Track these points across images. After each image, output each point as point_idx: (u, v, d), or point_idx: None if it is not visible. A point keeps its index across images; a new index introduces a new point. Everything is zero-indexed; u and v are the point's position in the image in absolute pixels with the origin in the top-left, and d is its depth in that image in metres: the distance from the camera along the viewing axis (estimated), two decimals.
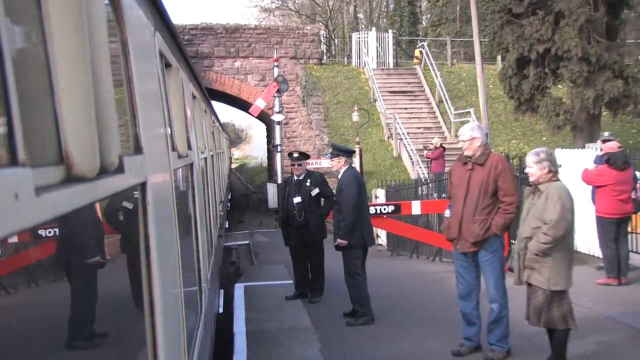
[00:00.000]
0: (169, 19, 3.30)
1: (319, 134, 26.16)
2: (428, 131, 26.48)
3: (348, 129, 26.33)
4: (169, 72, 3.37)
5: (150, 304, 1.98)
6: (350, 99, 28.10)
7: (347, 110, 26.90)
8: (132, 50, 1.95)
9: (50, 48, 1.19)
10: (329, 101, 27.89)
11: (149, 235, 1.99)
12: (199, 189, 4.85)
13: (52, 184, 1.13)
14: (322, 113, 27.14)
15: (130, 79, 1.92)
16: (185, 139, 3.82)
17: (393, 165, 25.02)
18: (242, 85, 29.81)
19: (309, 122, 27.19)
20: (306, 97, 28.03)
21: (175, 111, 3.43)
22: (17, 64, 1.00)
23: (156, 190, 2.15)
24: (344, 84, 29.39)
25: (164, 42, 3.02)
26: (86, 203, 1.31)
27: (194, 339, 3.45)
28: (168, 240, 2.40)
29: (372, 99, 28.38)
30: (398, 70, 31.25)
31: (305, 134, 27.72)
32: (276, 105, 23.40)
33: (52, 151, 1.20)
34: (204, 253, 5.01)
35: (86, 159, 1.27)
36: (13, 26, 1.05)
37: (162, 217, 2.24)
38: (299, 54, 30.24)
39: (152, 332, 1.99)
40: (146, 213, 1.98)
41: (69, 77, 1.23)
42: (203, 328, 4.09)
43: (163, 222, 2.26)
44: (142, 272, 1.97)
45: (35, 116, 1.15)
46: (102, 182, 1.40)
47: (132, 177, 1.77)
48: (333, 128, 26.55)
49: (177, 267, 2.64)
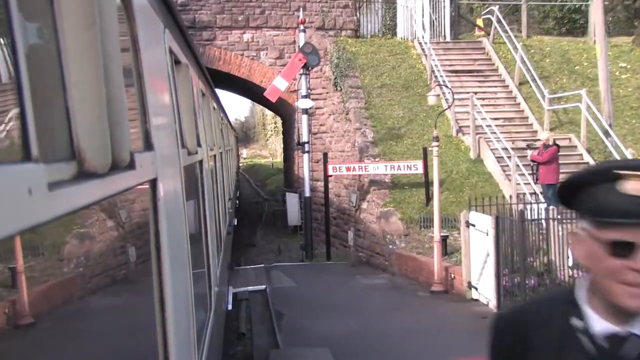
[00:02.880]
0: (178, 16, 3.31)
1: (360, 128, 18.68)
2: (510, 123, 18.89)
3: (399, 120, 19.17)
4: (179, 69, 3.38)
5: (161, 301, 2.00)
6: (399, 80, 20.64)
7: (396, 95, 20.02)
8: (142, 47, 1.96)
9: (62, 45, 1.20)
10: (370, 84, 20.35)
11: (160, 232, 2.00)
12: (208, 186, 4.87)
13: (64, 179, 1.14)
14: (362, 100, 19.66)
15: (141, 75, 1.93)
16: (195, 136, 3.83)
17: (471, 171, 16.93)
18: (253, 65, 22.42)
19: (344, 112, 19.68)
20: (339, 79, 20.37)
21: (185, 108, 3.44)
22: (30, 61, 1.01)
23: (166, 187, 2.16)
24: (388, 62, 21.56)
25: (173, 39, 3.03)
26: (98, 199, 1.32)
27: (203, 335, 3.47)
28: (178, 236, 2.42)
29: (430, 81, 20.39)
30: (459, 44, 23.28)
31: (339, 128, 20.36)
32: (302, 86, 17.61)
33: (65, 147, 1.21)
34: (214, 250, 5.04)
35: (98, 155, 1.28)
36: (26, 24, 1.06)
37: (172, 214, 2.25)
38: (328, 23, 22.59)
39: (162, 328, 2.00)
40: (156, 209, 2.00)
41: (80, 74, 1.24)
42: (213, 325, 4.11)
43: (173, 218, 2.28)
44: (153, 269, 1.98)
45: (47, 113, 1.16)
46: (114, 178, 1.41)
47: (143, 173, 1.78)
48: (378, 119, 19.12)
49: (187, 263, 2.65)
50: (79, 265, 1.41)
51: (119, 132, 1.48)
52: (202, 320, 3.60)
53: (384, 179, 17.02)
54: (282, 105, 23.77)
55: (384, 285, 13.93)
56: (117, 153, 1.45)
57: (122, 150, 1.50)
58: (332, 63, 21.06)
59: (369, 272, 15.38)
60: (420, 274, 13.66)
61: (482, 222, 11.11)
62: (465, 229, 11.91)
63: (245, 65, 22.51)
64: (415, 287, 13.22)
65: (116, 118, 1.47)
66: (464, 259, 11.96)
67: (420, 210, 15.89)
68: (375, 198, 16.72)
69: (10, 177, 0.90)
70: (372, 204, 16.80)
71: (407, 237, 15.31)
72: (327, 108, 21.45)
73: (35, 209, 0.97)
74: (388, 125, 19.03)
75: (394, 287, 13.60)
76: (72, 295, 1.37)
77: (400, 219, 15.80)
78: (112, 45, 1.49)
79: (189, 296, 2.64)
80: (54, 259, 1.26)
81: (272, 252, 21.50)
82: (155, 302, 1.97)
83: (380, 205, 16.31)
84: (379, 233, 15.94)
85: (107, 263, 1.65)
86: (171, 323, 2.03)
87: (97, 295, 1.56)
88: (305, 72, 17.64)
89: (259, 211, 31.27)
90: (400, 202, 16.40)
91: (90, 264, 1.49)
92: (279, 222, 25.53)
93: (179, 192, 2.58)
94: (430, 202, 15.27)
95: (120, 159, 1.49)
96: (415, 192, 16.74)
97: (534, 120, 19.02)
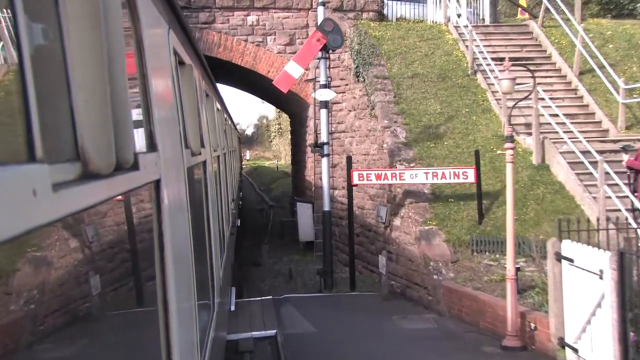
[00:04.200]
0: (183, 17, 3.32)
1: (390, 126, 15.17)
2: (573, 120, 14.65)
3: (436, 116, 15.59)
4: (183, 70, 3.39)
5: (164, 301, 2.00)
6: (434, 70, 17.14)
7: (431, 86, 16.51)
8: (147, 49, 1.97)
9: (66, 46, 1.21)
10: (398, 74, 16.89)
11: (163, 232, 2.00)
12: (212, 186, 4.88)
13: (68, 180, 1.15)
14: (390, 92, 16.19)
15: (145, 76, 1.94)
16: (199, 137, 3.84)
17: (535, 180, 13.46)
18: (258, 53, 19.03)
19: (369, 107, 16.17)
20: (362, 68, 16.85)
21: (189, 109, 3.45)
22: (35, 62, 1.02)
23: (170, 188, 2.16)
24: (419, 48, 18.10)
25: (177, 41, 3.04)
26: (102, 199, 1.32)
27: (206, 335, 3.47)
28: (182, 237, 2.42)
29: (471, 70, 16.98)
30: (500, 29, 19.74)
31: (361, 126, 16.85)
32: (320, 73, 14.09)
33: (69, 148, 1.21)
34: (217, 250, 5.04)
35: (102, 155, 1.29)
36: (31, 25, 1.06)
37: (175, 214, 2.26)
38: (347, 4, 19.23)
39: (165, 328, 2.00)
40: (160, 210, 2.00)
41: (85, 75, 1.25)
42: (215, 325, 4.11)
43: (177, 219, 2.28)
44: (156, 269, 1.99)
45: (52, 114, 1.17)
46: (118, 179, 1.41)
47: (147, 174, 1.79)
48: (411, 116, 15.63)
49: (191, 264, 2.66)
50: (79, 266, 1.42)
51: (123, 133, 1.49)
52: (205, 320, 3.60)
53: (422, 189, 13.61)
54: (291, 100, 20.46)
55: (432, 332, 10.47)
56: (121, 154, 1.45)
57: (126, 151, 1.51)
58: (353, 50, 17.43)
59: (408, 309, 12.07)
60: (482, 317, 10.22)
61: (587, 258, 7.88)
62: (556, 264, 8.58)
63: (249, 53, 19.02)
64: (478, 338, 9.75)
65: (120, 119, 1.47)
66: (553, 304, 8.64)
67: (471, 229, 12.47)
68: (411, 213, 13.19)
69: (15, 177, 0.90)
70: (407, 221, 13.30)
71: (456, 264, 11.85)
72: (346, 103, 17.87)
73: (39, 210, 0.97)
74: (423, 123, 15.36)
75: (448, 335, 10.18)
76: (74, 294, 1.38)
77: (446, 240, 12.31)
78: (117, 47, 1.50)
79: (192, 296, 2.64)
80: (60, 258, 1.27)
81: (282, 275, 17.80)
82: (158, 302, 1.98)
83: (420, 222, 12.80)
84: (418, 258, 12.50)
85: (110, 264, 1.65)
86: (174, 323, 2.03)
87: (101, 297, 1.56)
88: (325, 56, 14.12)
89: (263, 219, 27.61)
90: (445, 219, 12.81)
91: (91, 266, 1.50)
92: (288, 235, 22.02)
93: (183, 192, 2.58)
94: (484, 220, 12.70)
95: (125, 160, 1.50)
96: (464, 206, 13.14)
97: (602, 117, 15.28)
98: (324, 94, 14.21)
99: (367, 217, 15.71)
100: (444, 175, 12.97)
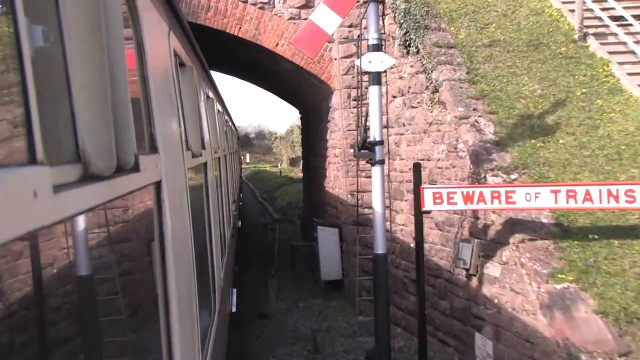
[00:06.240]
0: (183, 19, 3.32)
1: (467, 116, 10.15)
2: None
3: (536, 101, 10.61)
4: (184, 72, 3.39)
5: (165, 303, 2.00)
6: (521, 35, 12.30)
7: (520, 58, 11.70)
8: (148, 50, 1.97)
9: (67, 48, 1.21)
10: (469, 41, 12.10)
11: (164, 234, 2.00)
12: (213, 188, 4.88)
13: (69, 182, 1.15)
14: (461, 67, 11.26)
15: (146, 78, 1.94)
16: (199, 139, 3.84)
17: None
18: (263, 18, 14.26)
19: (429, 89, 11.32)
20: (413, 34, 12.02)
21: (190, 110, 3.45)
22: (36, 64, 1.02)
23: (171, 189, 2.16)
24: (494, 6, 13.34)
25: (178, 42, 3.04)
26: (103, 201, 1.32)
27: (208, 336, 3.47)
28: (183, 239, 2.42)
29: (579, 34, 12.15)
30: None
31: (416, 118, 11.76)
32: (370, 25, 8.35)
33: (70, 150, 1.21)
34: (218, 252, 5.04)
35: (103, 157, 1.29)
36: (32, 27, 1.06)
37: (177, 216, 2.26)
38: None
39: (167, 330, 2.00)
40: (161, 212, 2.00)
41: (85, 77, 1.25)
42: (217, 326, 4.11)
43: (178, 221, 2.28)
44: (157, 271, 1.99)
45: (53, 115, 1.17)
46: (118, 181, 1.41)
47: (148, 175, 1.79)
48: (497, 100, 10.62)
49: (192, 266, 2.66)
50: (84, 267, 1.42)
51: (123, 135, 1.48)
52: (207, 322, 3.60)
53: (537, 216, 8.41)
54: (304, 87, 15.47)
55: None
56: (122, 155, 1.45)
57: (126, 153, 1.51)
58: (398, 10, 12.52)
59: None
60: None
61: None
62: None
63: (250, 19, 14.15)
64: None
65: (121, 121, 1.47)
66: None
67: None
68: (525, 258, 7.81)
69: (15, 179, 0.90)
70: (516, 271, 7.95)
71: (629, 357, 6.63)
72: (389, 85, 10.91)
73: (40, 212, 0.97)
74: (518, 111, 10.26)
75: None
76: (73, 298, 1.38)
77: (599, 311, 6.88)
78: (118, 49, 1.50)
79: (193, 298, 2.64)
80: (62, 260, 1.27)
81: (300, 339, 11.75)
82: (159, 304, 1.98)
83: (543, 276, 7.46)
84: (551, 342, 7.06)
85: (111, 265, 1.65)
86: (175, 325, 2.03)
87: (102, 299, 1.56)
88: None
89: (268, 239, 21.72)
90: (589, 272, 7.34)
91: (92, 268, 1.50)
92: (301, 264, 16.86)
93: (184, 194, 2.58)
94: None
95: (125, 162, 1.50)
96: (622, 249, 7.71)
97: None
98: (377, 61, 8.31)
99: (433, 255, 10.36)
100: (589, 196, 7.38)
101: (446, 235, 9.96)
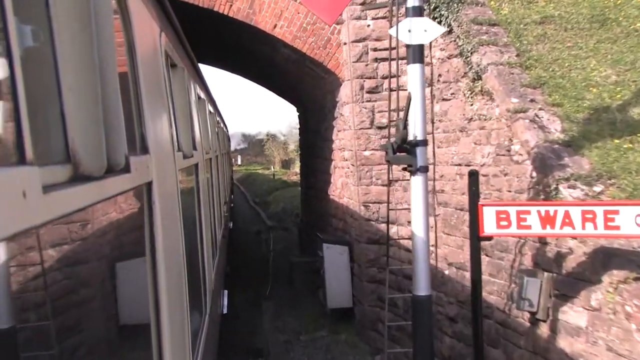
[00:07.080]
0: (175, 20, 3.32)
1: (524, 109, 7.67)
2: None
3: (611, 90, 8.08)
4: (175, 72, 3.38)
5: (156, 304, 1.99)
6: (581, 9, 10.11)
7: (583, 38, 9.49)
8: (138, 51, 1.96)
9: (57, 48, 1.20)
10: (515, 17, 9.95)
11: (155, 235, 2.00)
12: (204, 189, 4.87)
13: (59, 182, 1.14)
14: (508, 48, 8.99)
15: (137, 79, 1.93)
16: (191, 139, 3.83)
17: None
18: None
19: (468, 76, 9.03)
20: (445, 9, 9.80)
21: (181, 111, 3.44)
22: (25, 64, 1.02)
23: (162, 190, 2.16)
24: None
25: (169, 43, 3.03)
26: (93, 202, 1.32)
27: (198, 338, 3.46)
28: (173, 240, 2.41)
29: None
30: None
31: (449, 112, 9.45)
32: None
33: (60, 150, 1.21)
34: (209, 253, 5.03)
35: (93, 158, 1.28)
36: (21, 27, 1.06)
37: (167, 217, 2.25)
38: None
39: (157, 331, 1.99)
40: (152, 213, 1.99)
41: (75, 77, 1.24)
42: (208, 328, 4.10)
43: (169, 222, 2.28)
44: (148, 272, 1.98)
45: (42, 115, 1.16)
46: (109, 182, 1.41)
47: (138, 176, 1.78)
48: (560, 90, 8.14)
49: (183, 267, 2.65)
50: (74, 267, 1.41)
51: (114, 135, 1.48)
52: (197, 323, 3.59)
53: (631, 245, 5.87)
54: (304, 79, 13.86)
55: None
56: (112, 156, 1.45)
57: (117, 154, 1.50)
58: None
59: None
60: None
61: None
62: None
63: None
64: None
65: (111, 121, 1.47)
66: None
67: None
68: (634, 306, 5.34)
69: (4, 180, 0.90)
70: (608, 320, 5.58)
71: None
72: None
73: (29, 212, 0.97)
74: (589, 103, 7.96)
75: None
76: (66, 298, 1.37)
77: None
78: (108, 48, 1.49)
79: (184, 299, 2.63)
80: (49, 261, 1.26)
81: None
82: (150, 305, 1.97)
83: None
84: None
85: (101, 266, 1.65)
86: (165, 326, 2.03)
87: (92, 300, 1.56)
88: None
89: (262, 250, 19.65)
90: None
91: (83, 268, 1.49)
92: (299, 280, 14.88)
93: (175, 195, 2.58)
94: None
95: (116, 162, 1.49)
96: None
97: None
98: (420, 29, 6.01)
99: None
100: None
101: (498, 264, 7.48)
